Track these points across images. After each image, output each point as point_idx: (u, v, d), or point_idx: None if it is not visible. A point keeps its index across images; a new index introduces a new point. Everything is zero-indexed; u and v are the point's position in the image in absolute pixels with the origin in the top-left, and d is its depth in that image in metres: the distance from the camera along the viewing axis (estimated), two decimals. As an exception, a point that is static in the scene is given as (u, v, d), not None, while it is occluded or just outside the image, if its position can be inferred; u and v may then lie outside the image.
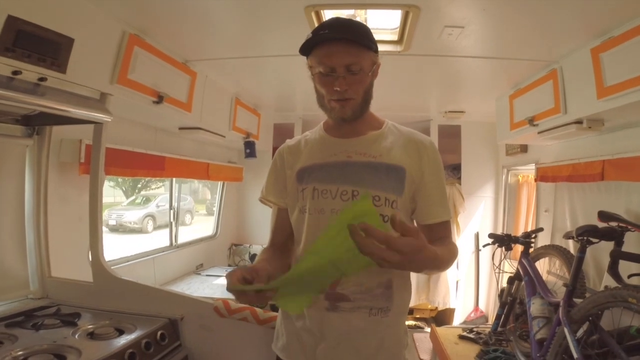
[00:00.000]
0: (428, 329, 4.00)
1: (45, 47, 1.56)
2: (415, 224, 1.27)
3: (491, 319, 3.68)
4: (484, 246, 3.10)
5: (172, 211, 3.84)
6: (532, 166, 3.48)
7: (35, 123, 1.92)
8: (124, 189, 13.49)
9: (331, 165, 1.23)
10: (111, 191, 12.71)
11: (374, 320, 1.18)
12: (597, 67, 2.02)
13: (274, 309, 1.69)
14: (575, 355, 1.69)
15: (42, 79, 1.57)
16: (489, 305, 4.32)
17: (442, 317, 4.48)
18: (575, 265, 2.02)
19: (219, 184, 4.46)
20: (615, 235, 1.91)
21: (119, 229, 10.36)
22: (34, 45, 1.51)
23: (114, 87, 1.97)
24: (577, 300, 1.91)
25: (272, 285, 0.98)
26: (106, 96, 1.94)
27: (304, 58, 1.22)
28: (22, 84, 1.51)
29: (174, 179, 3.85)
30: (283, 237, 1.34)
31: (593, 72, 2.05)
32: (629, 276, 1.81)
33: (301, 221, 1.25)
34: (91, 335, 1.60)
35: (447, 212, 1.25)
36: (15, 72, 1.47)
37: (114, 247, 2.92)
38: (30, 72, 1.53)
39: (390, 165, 1.20)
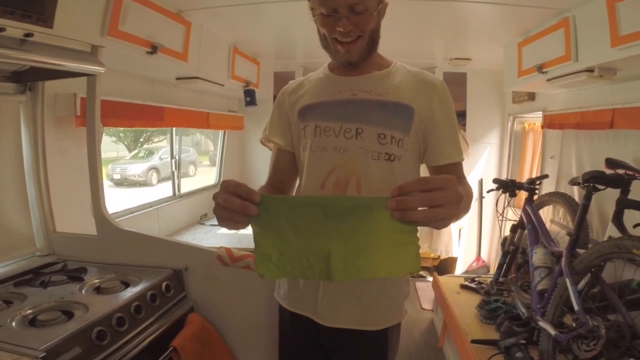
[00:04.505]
0: (430, 279, 4.09)
1: (29, 2, 1.46)
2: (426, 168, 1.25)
3: (493, 269, 3.74)
4: (488, 192, 3.10)
5: (173, 161, 3.83)
6: (539, 114, 3.43)
7: (27, 79, 1.86)
8: (126, 144, 13.45)
9: (335, 102, 1.19)
10: (113, 146, 12.71)
11: None
12: (613, 16, 1.94)
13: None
14: (576, 307, 1.69)
15: (28, 35, 1.49)
16: (491, 254, 4.39)
17: (444, 266, 4.56)
18: (580, 212, 2.01)
19: (220, 133, 4.45)
20: (622, 183, 1.89)
21: (124, 182, 10.43)
22: (16, 1, 1.41)
23: (105, 39, 1.90)
24: (580, 251, 1.91)
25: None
26: (97, 48, 1.87)
27: (302, 3, 1.15)
28: (7, 41, 1.43)
29: (174, 130, 3.83)
30: (280, 179, 1.32)
31: (608, 21, 1.97)
32: (634, 226, 1.79)
33: (302, 159, 1.23)
34: (97, 289, 1.62)
35: (459, 154, 1.20)
36: (-2, 29, 1.40)
37: (120, 201, 2.93)
38: (15, 28, 1.44)
39: (398, 104, 1.16)
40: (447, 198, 0.81)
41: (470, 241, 4.45)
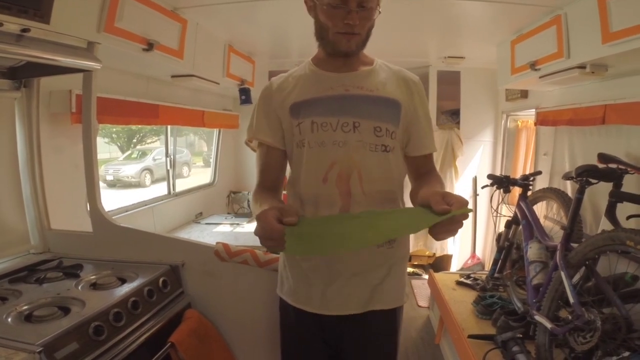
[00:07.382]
0: (426, 276, 4.10)
1: (26, -2, 1.46)
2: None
3: (487, 266, 3.75)
4: (482, 187, 3.12)
5: (168, 159, 3.81)
6: (532, 112, 3.45)
7: (22, 76, 1.86)
8: (119, 145, 13.35)
9: (329, 98, 1.22)
10: (106, 147, 12.61)
11: (381, 252, 1.22)
12: (604, 13, 1.96)
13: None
14: (571, 300, 1.69)
15: (25, 30, 1.48)
16: (486, 252, 4.41)
17: (439, 264, 4.58)
18: (574, 206, 2.02)
19: (215, 132, 4.43)
20: (614, 177, 1.91)
21: (117, 183, 10.36)
22: (13, -3, 1.41)
23: (101, 35, 1.89)
24: (574, 245, 1.92)
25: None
26: (94, 45, 1.87)
27: (297, 1, 1.19)
28: (3, 36, 1.42)
29: (169, 128, 3.81)
30: (272, 178, 1.31)
31: (599, 18, 1.99)
32: (628, 217, 1.81)
33: (299, 156, 1.23)
34: (94, 285, 1.62)
35: (434, 145, 1.32)
36: (-5, 24, 1.39)
37: (114, 202, 2.90)
38: (12, 23, 1.43)
39: (388, 99, 1.22)
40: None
41: (464, 239, 4.46)
